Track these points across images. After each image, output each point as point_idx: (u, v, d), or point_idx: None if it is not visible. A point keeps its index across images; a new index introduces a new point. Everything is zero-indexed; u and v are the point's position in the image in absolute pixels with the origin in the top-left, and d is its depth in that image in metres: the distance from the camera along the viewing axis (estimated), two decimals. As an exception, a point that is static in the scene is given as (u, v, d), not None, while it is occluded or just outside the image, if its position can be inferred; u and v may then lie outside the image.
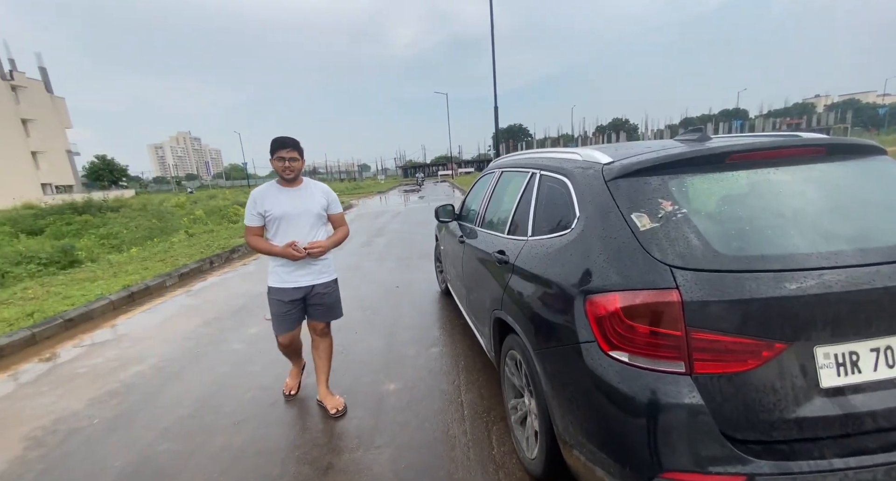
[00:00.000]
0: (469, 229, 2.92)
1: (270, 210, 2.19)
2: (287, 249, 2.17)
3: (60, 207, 16.17)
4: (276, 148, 2.14)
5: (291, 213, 2.21)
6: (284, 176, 2.19)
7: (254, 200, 2.22)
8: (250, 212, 2.24)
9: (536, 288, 1.53)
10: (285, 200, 2.21)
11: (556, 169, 1.70)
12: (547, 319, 1.41)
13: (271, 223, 2.23)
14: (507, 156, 2.60)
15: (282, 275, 2.28)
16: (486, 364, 2.78)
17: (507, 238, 2.01)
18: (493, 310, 2.03)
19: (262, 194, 2.23)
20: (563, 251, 1.41)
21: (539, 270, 1.53)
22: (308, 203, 2.26)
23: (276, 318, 2.34)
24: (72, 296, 5.02)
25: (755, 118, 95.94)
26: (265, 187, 2.27)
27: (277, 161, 2.15)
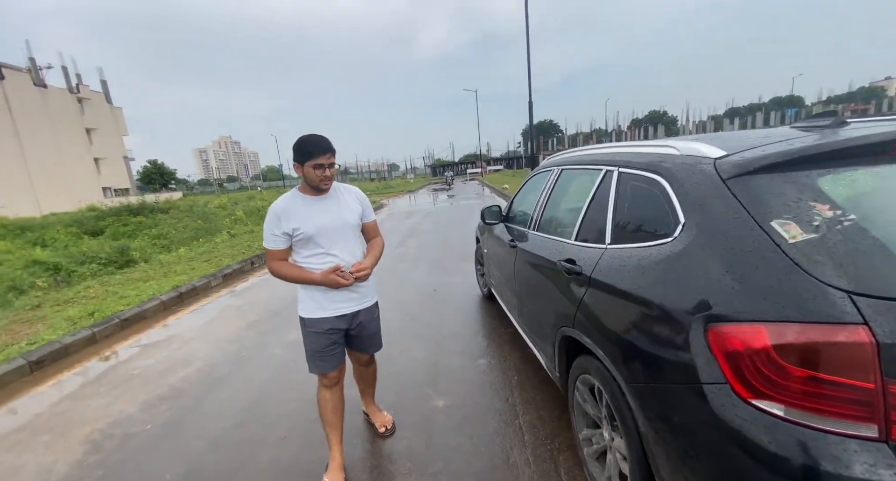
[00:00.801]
0: (519, 232, 2.70)
1: (301, 227, 1.72)
2: (331, 277, 1.72)
3: (118, 209, 17.30)
4: (311, 152, 1.65)
5: (327, 228, 1.76)
6: (322, 186, 1.73)
7: (276, 217, 1.73)
8: (272, 233, 1.74)
9: (627, 307, 1.30)
10: (317, 213, 1.75)
11: (642, 166, 1.46)
12: (646, 348, 1.18)
13: (302, 243, 1.76)
14: (565, 153, 2.36)
15: (321, 303, 1.81)
16: (543, 380, 2.55)
17: (577, 245, 1.78)
18: (559, 327, 1.80)
19: (287, 209, 1.73)
20: (666, 265, 1.17)
21: (629, 286, 1.30)
22: (344, 213, 1.82)
23: (318, 355, 1.84)
24: (127, 296, 5.24)
25: (812, 105, 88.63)
26: (288, 199, 1.76)
27: (315, 169, 1.67)
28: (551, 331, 1.91)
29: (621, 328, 1.31)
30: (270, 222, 1.74)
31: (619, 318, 1.33)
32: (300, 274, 1.76)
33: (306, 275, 1.75)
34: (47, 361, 3.50)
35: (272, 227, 1.74)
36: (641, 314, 1.22)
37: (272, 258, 1.78)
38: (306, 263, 1.79)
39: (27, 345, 3.63)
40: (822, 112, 1.26)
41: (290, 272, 1.77)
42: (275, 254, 1.78)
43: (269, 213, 1.75)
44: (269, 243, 1.76)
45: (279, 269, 1.78)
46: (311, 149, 1.66)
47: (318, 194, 1.79)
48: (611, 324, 1.37)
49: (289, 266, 1.79)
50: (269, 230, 1.75)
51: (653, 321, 1.17)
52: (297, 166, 1.71)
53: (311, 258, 1.79)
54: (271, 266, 1.79)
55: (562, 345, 1.82)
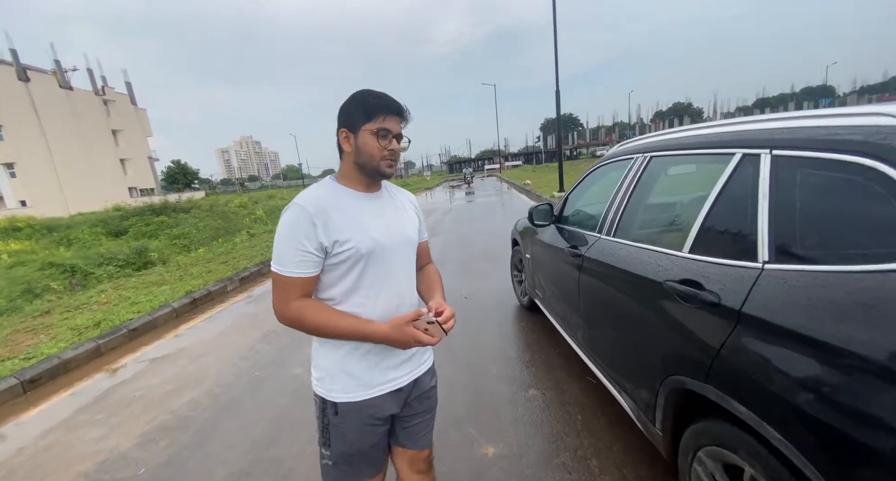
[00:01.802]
0: (582, 237, 2.20)
1: (352, 239, 0.99)
2: (409, 330, 0.97)
3: (142, 209, 17.49)
4: (374, 109, 0.99)
5: (385, 245, 1.05)
6: (386, 170, 1.04)
7: (309, 220, 0.96)
8: (297, 247, 0.97)
9: (834, 370, 0.80)
10: (372, 218, 1.05)
11: (830, 145, 0.95)
12: (876, 444, 0.68)
13: (344, 269, 1.02)
14: (651, 136, 1.84)
15: (367, 376, 1.06)
16: (614, 422, 2.06)
17: (697, 260, 1.27)
18: (669, 375, 1.31)
19: (326, 208, 0.99)
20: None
21: (840, 338, 0.80)
22: (404, 222, 1.13)
23: (354, 460, 1.11)
24: (139, 302, 4.97)
25: (846, 95, 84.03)
26: (325, 191, 1.04)
27: (378, 137, 0.99)
28: (652, 377, 1.42)
29: (823, 402, 0.81)
30: (297, 228, 0.96)
31: (816, 386, 0.83)
32: (350, 325, 0.98)
33: (362, 328, 0.98)
34: (44, 379, 3.20)
35: (300, 237, 0.95)
36: (871, 386, 0.73)
37: (291, 293, 0.98)
38: (347, 301, 1.04)
39: (24, 360, 3.34)
40: None
41: (330, 320, 0.98)
42: (296, 285, 0.97)
43: (294, 213, 0.97)
44: (288, 265, 0.96)
45: (305, 315, 0.98)
46: (376, 105, 0.98)
47: (372, 188, 1.08)
48: (796, 392, 0.87)
49: (326, 309, 1.00)
50: (292, 242, 0.96)
51: None
52: (346, 135, 1.01)
53: (351, 297, 1.02)
54: (289, 309, 0.98)
55: (671, 398, 1.33)
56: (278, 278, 0.99)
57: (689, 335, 1.22)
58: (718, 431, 1.14)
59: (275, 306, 1.01)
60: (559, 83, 12.01)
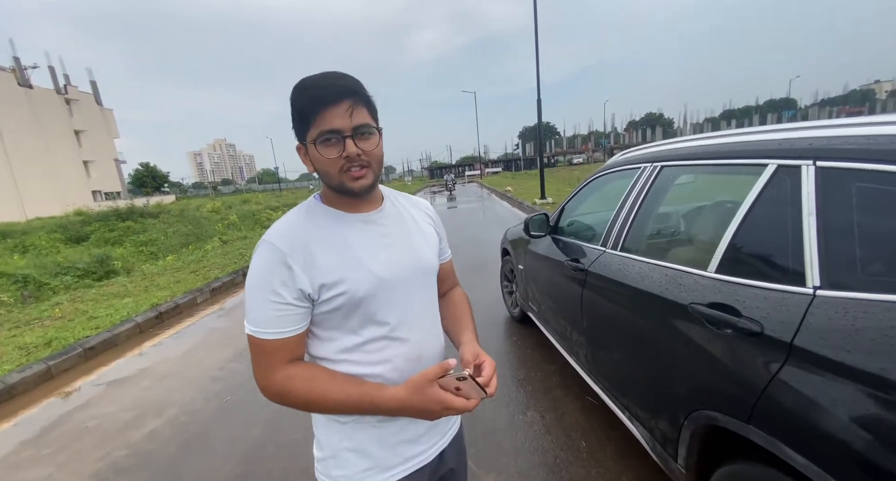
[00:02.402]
0: (581, 250, 2.08)
1: (344, 280, 0.73)
2: (435, 394, 0.68)
3: (106, 214, 16.54)
4: (311, 109, 0.69)
5: (393, 282, 0.78)
6: (354, 187, 0.73)
7: (282, 260, 0.71)
8: (270, 298, 0.71)
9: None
10: (371, 248, 0.78)
11: (890, 156, 0.84)
12: None
13: (340, 316, 0.76)
14: (662, 144, 1.74)
15: (382, 453, 0.80)
16: (622, 450, 1.92)
17: (726, 281, 1.16)
18: (695, 408, 1.18)
19: (302, 238, 0.74)
20: None
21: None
22: (417, 243, 0.86)
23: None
24: (98, 317, 4.57)
25: (807, 107, 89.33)
26: (301, 218, 0.77)
27: (326, 146, 0.70)
28: (675, 408, 1.29)
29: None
30: (268, 274, 0.71)
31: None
32: (353, 395, 0.72)
33: (370, 397, 0.71)
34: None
35: (273, 285, 0.71)
36: None
37: (273, 361, 0.73)
38: (346, 366, 0.78)
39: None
40: None
41: (327, 392, 0.72)
42: (278, 349, 0.73)
43: (263, 254, 0.72)
44: (263, 324, 0.72)
45: (293, 387, 0.73)
46: (305, 103, 0.70)
47: (366, 206, 0.81)
48: (869, 445, 0.74)
49: (321, 375, 0.74)
50: (264, 292, 0.71)
51: None
52: (303, 151, 0.76)
53: (353, 354, 0.78)
54: (274, 381, 0.73)
55: (699, 434, 1.20)
56: (254, 342, 0.73)
57: (723, 367, 1.10)
58: (761, 476, 1.01)
59: (256, 378, 0.75)
60: (540, 92, 12.12)
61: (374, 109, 0.75)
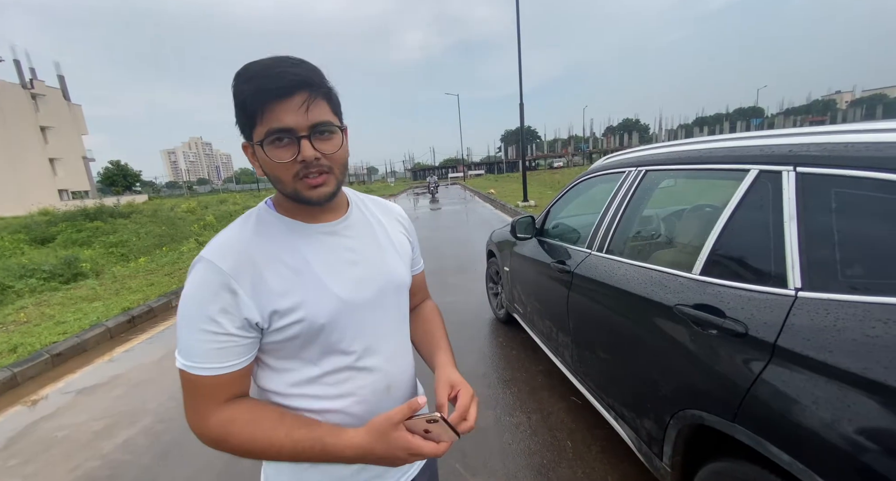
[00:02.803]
0: (567, 252, 2.11)
1: (301, 305, 0.63)
2: (405, 438, 0.59)
3: (73, 214, 15.80)
4: (255, 104, 0.57)
5: (359, 304, 0.68)
6: (310, 194, 0.62)
7: (224, 283, 0.59)
8: (206, 328, 0.59)
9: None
10: (334, 266, 0.67)
11: (870, 162, 0.88)
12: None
13: (296, 346, 0.65)
14: (646, 148, 1.78)
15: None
16: (606, 449, 1.95)
17: (711, 283, 1.19)
18: (681, 408, 1.21)
19: (250, 256, 0.62)
20: None
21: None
22: (388, 258, 0.76)
23: None
24: (66, 322, 4.36)
25: (774, 116, 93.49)
26: (248, 232, 0.65)
27: (279, 148, 0.59)
28: (660, 408, 1.31)
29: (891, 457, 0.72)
30: (205, 300, 0.59)
31: (884, 437, 0.74)
32: (304, 441, 0.60)
33: (323, 444, 0.60)
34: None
35: (210, 312, 0.59)
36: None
37: (209, 400, 0.61)
38: (301, 401, 0.68)
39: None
40: None
41: (274, 438, 0.60)
42: (215, 387, 0.61)
43: (200, 275, 0.60)
44: (197, 357, 0.60)
45: (235, 432, 0.61)
46: (248, 96, 0.58)
47: (327, 215, 0.71)
48: (854, 443, 0.77)
49: (267, 416, 0.63)
50: (199, 321, 0.59)
51: None
52: (248, 150, 0.65)
53: (310, 388, 0.67)
54: (209, 425, 0.61)
55: (684, 434, 1.23)
56: (187, 379, 0.61)
57: (708, 367, 1.12)
58: (745, 474, 1.04)
59: (189, 420, 0.62)
60: (522, 96, 12.27)
61: (336, 104, 0.64)
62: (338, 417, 0.67)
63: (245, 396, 0.65)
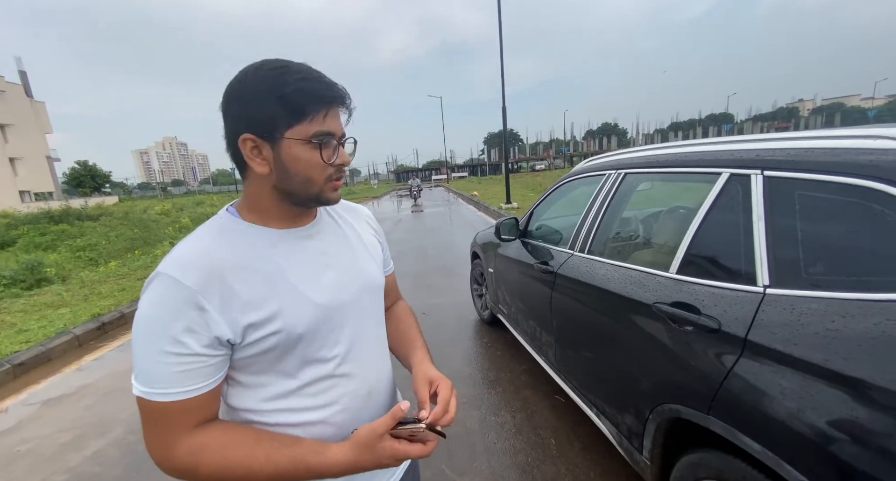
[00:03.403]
0: (550, 253, 2.15)
1: (278, 315, 0.60)
2: (391, 447, 0.59)
3: (36, 216, 15.03)
4: (311, 103, 0.58)
5: (337, 308, 0.67)
6: (333, 196, 0.67)
7: (190, 300, 0.55)
8: (167, 350, 0.54)
9: (869, 407, 0.76)
10: (308, 272, 0.66)
11: (826, 167, 0.94)
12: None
13: (271, 357, 0.62)
14: (626, 152, 1.84)
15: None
16: (589, 445, 1.99)
17: (687, 281, 1.24)
18: (659, 402, 1.25)
19: (218, 268, 0.58)
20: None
21: (868, 373, 0.77)
22: (362, 261, 0.75)
23: None
24: (29, 329, 4.14)
25: (742, 122, 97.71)
26: (215, 241, 0.61)
27: (320, 148, 0.61)
28: (640, 403, 1.36)
29: (853, 443, 0.77)
30: (167, 319, 0.54)
31: (843, 423, 0.79)
32: (286, 461, 0.58)
33: (306, 462, 0.58)
34: None
35: (174, 331, 0.54)
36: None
37: (173, 429, 0.57)
38: (279, 416, 0.64)
39: None
40: None
41: (255, 460, 0.57)
42: (180, 413, 0.56)
43: (159, 293, 0.55)
44: (159, 382, 0.55)
45: (206, 460, 0.56)
46: (306, 94, 0.58)
47: (302, 220, 0.70)
48: (819, 430, 0.82)
49: (240, 437, 0.59)
50: (159, 342, 0.54)
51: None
52: (254, 145, 0.60)
53: (287, 400, 0.65)
54: (176, 456, 0.57)
55: (663, 427, 1.27)
56: (147, 407, 0.56)
57: (684, 362, 1.17)
58: (719, 464, 1.09)
59: (150, 451, 0.58)
60: (505, 99, 12.41)
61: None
62: (319, 428, 0.65)
63: (214, 419, 0.61)
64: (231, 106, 0.60)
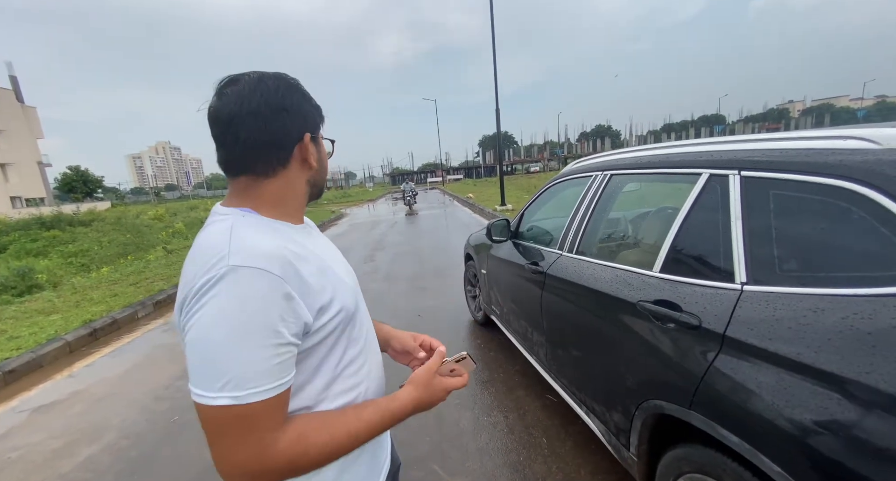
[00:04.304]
0: (541, 254, 2.18)
1: (336, 297, 0.65)
2: (443, 382, 0.75)
3: (27, 222, 14.89)
4: (322, 115, 0.74)
5: (357, 288, 0.77)
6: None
7: (282, 289, 0.56)
8: (269, 342, 0.54)
9: (842, 398, 0.79)
10: (333, 258, 0.75)
11: (803, 167, 0.97)
12: None
13: (331, 341, 0.65)
14: (612, 153, 1.87)
15: (373, 457, 0.76)
16: (580, 443, 2.01)
17: (669, 279, 1.27)
18: (646, 399, 1.28)
19: (288, 257, 0.59)
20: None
21: (839, 366, 0.79)
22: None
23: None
24: (19, 336, 4.10)
25: (734, 123, 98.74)
26: (271, 235, 0.62)
27: (329, 148, 0.78)
28: (626, 400, 1.38)
29: (826, 433, 0.79)
30: (267, 311, 0.54)
31: (816, 414, 0.81)
32: (373, 417, 0.65)
33: (390, 411, 0.68)
34: None
35: (274, 324, 0.54)
36: (875, 415, 0.72)
37: (270, 428, 0.55)
38: (326, 404, 0.66)
39: None
40: None
41: (350, 425, 0.62)
42: (278, 408, 0.56)
43: (254, 285, 0.54)
44: (260, 380, 0.53)
45: (312, 442, 0.58)
46: (320, 109, 0.73)
47: (301, 218, 0.75)
48: (794, 421, 0.85)
49: (328, 416, 0.63)
50: (262, 337, 0.53)
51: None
52: (310, 141, 0.68)
53: (335, 384, 0.67)
54: (280, 451, 0.55)
55: (648, 423, 1.29)
56: (236, 415, 0.53)
57: (668, 358, 1.19)
58: (701, 457, 1.11)
59: (241, 462, 0.54)
60: (498, 102, 12.48)
61: None
62: (360, 400, 0.73)
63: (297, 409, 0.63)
64: (290, 112, 0.65)
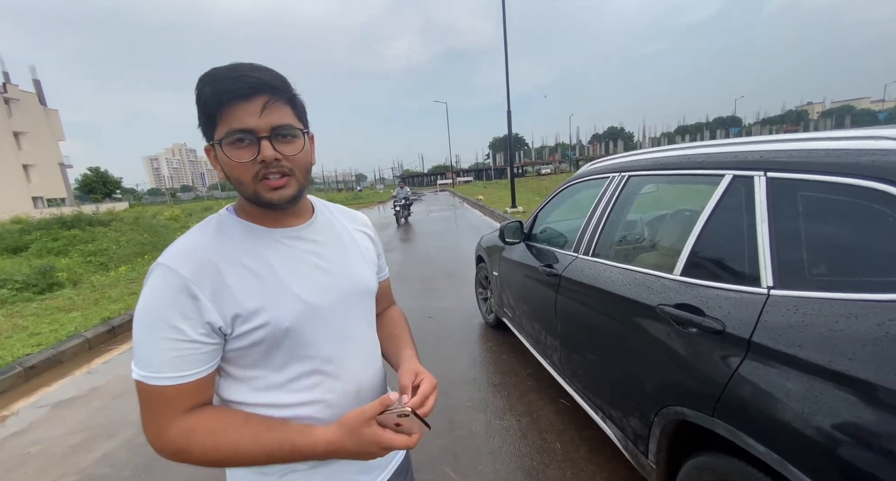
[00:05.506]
0: (555, 256, 2.15)
1: (263, 309, 0.62)
2: (377, 433, 0.60)
3: (48, 221, 15.31)
4: (215, 106, 0.59)
5: (325, 307, 0.68)
6: (270, 195, 0.63)
7: (184, 288, 0.58)
8: (166, 335, 0.57)
9: (875, 408, 0.76)
10: (298, 269, 0.68)
11: (829, 168, 0.94)
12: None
13: (259, 351, 0.64)
14: (629, 155, 1.84)
15: None
16: (594, 449, 1.98)
17: (691, 283, 1.24)
18: (664, 405, 1.25)
19: (211, 260, 0.61)
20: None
21: (874, 374, 0.76)
22: (353, 262, 0.77)
23: None
24: (40, 333, 4.21)
25: (751, 125, 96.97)
26: (209, 236, 0.65)
27: (239, 148, 0.60)
28: (645, 406, 1.35)
29: (858, 445, 0.76)
30: (165, 306, 0.58)
31: (848, 425, 0.78)
32: (272, 442, 0.60)
33: (292, 442, 0.60)
34: None
35: (171, 318, 0.58)
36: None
37: (168, 412, 0.59)
38: (267, 410, 0.66)
39: None
40: None
41: (241, 441, 0.59)
42: (176, 397, 0.59)
43: (159, 281, 0.59)
44: (157, 367, 0.58)
45: (197, 441, 0.58)
46: (209, 97, 0.59)
47: (292, 219, 0.71)
48: (825, 431, 0.81)
49: (230, 421, 0.61)
50: (159, 329, 0.58)
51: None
52: (210, 153, 0.65)
53: (277, 395, 0.66)
54: (168, 437, 0.59)
55: (668, 430, 1.26)
56: (145, 390, 0.59)
57: (689, 364, 1.17)
58: (724, 466, 1.08)
59: (147, 433, 0.60)
60: (510, 104, 12.45)
61: (300, 110, 0.66)
62: (303, 423, 0.66)
63: (207, 405, 0.64)
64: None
